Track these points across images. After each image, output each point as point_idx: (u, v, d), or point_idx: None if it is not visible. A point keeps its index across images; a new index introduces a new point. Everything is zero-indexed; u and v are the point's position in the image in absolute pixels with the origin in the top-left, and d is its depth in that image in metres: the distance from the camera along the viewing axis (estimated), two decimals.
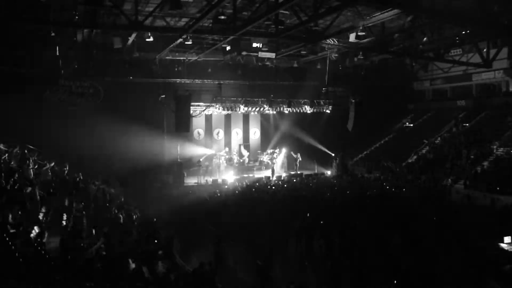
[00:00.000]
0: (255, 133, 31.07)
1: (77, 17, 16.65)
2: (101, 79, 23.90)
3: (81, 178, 17.68)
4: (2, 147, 15.39)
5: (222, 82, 26.70)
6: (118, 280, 8.46)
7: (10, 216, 9.53)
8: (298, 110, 29.22)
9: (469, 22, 17.06)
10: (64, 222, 11.30)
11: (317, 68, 28.95)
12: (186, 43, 20.37)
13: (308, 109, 29.36)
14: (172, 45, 21.00)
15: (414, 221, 15.26)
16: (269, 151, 29.02)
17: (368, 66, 29.54)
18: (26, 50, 21.00)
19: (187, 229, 16.63)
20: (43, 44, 20.45)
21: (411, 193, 20.12)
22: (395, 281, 10.06)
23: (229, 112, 27.79)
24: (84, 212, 13.00)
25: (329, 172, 28.64)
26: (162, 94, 25.06)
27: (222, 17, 15.95)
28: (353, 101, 28.19)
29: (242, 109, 27.56)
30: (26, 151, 17.00)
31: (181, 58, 25.53)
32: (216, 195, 19.49)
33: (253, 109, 27.97)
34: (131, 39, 19.64)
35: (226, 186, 21.91)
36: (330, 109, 29.97)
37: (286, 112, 29.07)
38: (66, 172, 17.25)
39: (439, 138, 29.16)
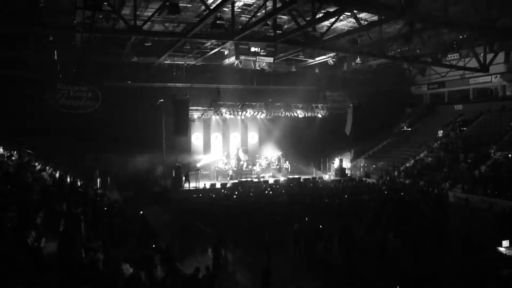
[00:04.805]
0: (253, 137, 31.09)
1: (75, 21, 16.69)
2: (99, 83, 23.92)
3: (80, 182, 17.63)
4: (1, 151, 15.35)
5: (220, 87, 26.77)
6: (116, 284, 8.42)
7: (8, 220, 9.48)
8: (296, 115, 29.29)
9: (466, 27, 17.15)
10: (61, 227, 11.24)
11: (315, 73, 29.11)
12: (184, 47, 20.40)
13: (306, 114, 29.42)
14: (170, 50, 21.05)
15: (413, 225, 15.29)
16: (267, 155, 29.04)
17: (366, 70, 29.68)
18: (24, 54, 21.01)
19: (186, 233, 16.61)
20: (41, 48, 20.46)
21: (410, 197, 20.13)
22: (397, 286, 10.03)
23: (228, 116, 27.82)
24: (82, 217, 12.94)
25: (327, 176, 28.65)
26: (161, 99, 25.08)
27: (221, 22, 15.99)
28: (351, 105, 28.32)
29: (241, 113, 27.60)
30: (24, 155, 16.99)
31: (180, 62, 25.60)
32: (214, 199, 19.46)
33: (252, 113, 28.01)
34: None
35: (224, 190, 21.89)
36: (328, 113, 30.04)
37: (284, 116, 29.13)
38: (63, 176, 17.20)
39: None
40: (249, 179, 25.92)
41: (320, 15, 15.25)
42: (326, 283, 11.86)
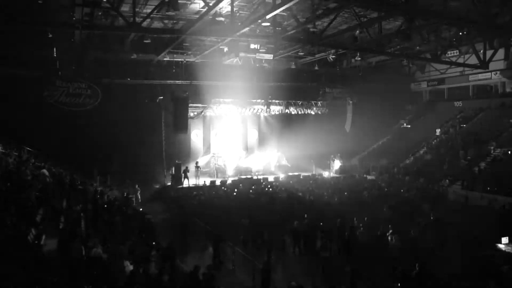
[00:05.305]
0: (253, 134, 31.06)
1: (74, 18, 16.62)
2: (99, 80, 23.84)
3: (79, 179, 17.61)
4: (0, 149, 15.33)
5: (220, 84, 26.72)
6: (115, 282, 8.44)
7: (8, 218, 9.49)
8: (295, 111, 29.24)
9: (466, 23, 17.09)
10: (61, 224, 11.24)
11: (315, 70, 29.04)
12: (184, 44, 20.28)
13: (305, 111, 29.38)
14: (170, 47, 20.98)
15: (413, 222, 15.30)
16: (267, 152, 29.03)
17: (365, 67, 29.64)
18: (23, 51, 20.94)
19: (186, 230, 16.62)
20: (40, 45, 20.39)
21: (409, 193, 20.17)
22: (399, 284, 10.04)
23: (228, 113, 27.77)
24: (82, 214, 12.94)
25: (326, 173, 28.66)
26: (160, 96, 25.03)
27: (220, 18, 15.94)
28: (351, 102, 28.31)
29: (240, 110, 27.55)
30: (24, 153, 16.97)
31: (179, 59, 25.53)
32: (214, 197, 19.47)
33: (251, 110, 27.95)
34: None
35: (224, 188, 21.89)
36: (328, 110, 30.00)
37: (284, 113, 29.10)
38: (63, 173, 17.19)
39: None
40: (249, 176, 25.92)
41: (320, 11, 15.21)
42: (326, 281, 11.86)
